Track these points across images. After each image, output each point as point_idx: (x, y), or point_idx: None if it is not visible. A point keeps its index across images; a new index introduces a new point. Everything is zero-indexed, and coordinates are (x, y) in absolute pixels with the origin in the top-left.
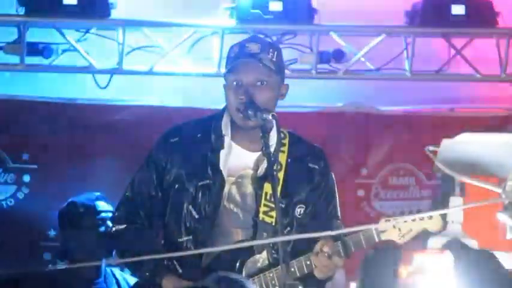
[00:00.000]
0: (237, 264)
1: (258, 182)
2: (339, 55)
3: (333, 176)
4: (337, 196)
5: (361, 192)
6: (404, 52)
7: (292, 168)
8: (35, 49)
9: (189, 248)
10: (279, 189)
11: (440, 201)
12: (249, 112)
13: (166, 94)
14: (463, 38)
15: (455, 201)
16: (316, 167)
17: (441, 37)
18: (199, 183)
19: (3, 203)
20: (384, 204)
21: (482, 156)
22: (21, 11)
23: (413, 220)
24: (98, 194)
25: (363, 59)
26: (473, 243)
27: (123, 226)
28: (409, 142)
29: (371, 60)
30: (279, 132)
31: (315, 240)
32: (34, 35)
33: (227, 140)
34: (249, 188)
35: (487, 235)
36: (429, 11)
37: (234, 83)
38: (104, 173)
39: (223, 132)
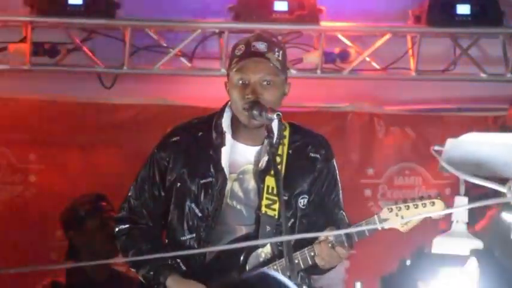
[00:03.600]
0: (241, 258)
1: (260, 175)
2: (344, 55)
3: (335, 163)
4: (339, 184)
5: (368, 192)
6: (410, 52)
7: (293, 159)
8: (40, 49)
9: (192, 246)
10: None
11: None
12: (254, 112)
13: (171, 94)
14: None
15: (460, 200)
16: (318, 155)
17: (447, 37)
18: (202, 181)
19: (10, 202)
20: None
21: (488, 156)
22: (27, 11)
23: (416, 207)
24: (100, 194)
25: (368, 59)
26: (478, 244)
27: (127, 226)
28: (415, 142)
29: (376, 60)
30: (280, 126)
31: (319, 231)
32: (40, 35)
33: (228, 137)
34: (251, 183)
35: None
36: (435, 10)
37: (240, 81)
38: (110, 173)
39: (225, 130)
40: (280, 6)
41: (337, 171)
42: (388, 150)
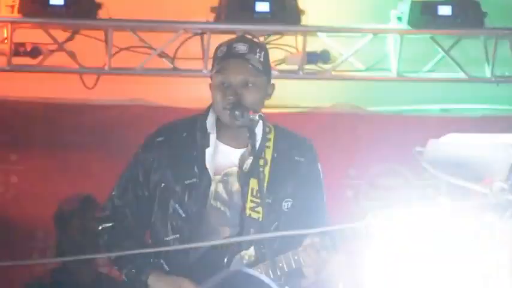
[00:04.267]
0: (224, 260)
1: (244, 178)
2: (326, 56)
3: (320, 167)
4: (323, 188)
5: (350, 193)
6: (392, 53)
7: (277, 162)
8: (22, 49)
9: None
10: (265, 185)
11: None
12: (236, 113)
13: (153, 94)
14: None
15: (442, 201)
16: (302, 159)
17: (428, 37)
18: (186, 182)
19: None
20: (372, 204)
21: (469, 157)
22: (8, 11)
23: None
24: (87, 195)
25: (350, 60)
26: None
27: (109, 224)
28: (397, 142)
29: (358, 61)
30: (264, 129)
31: (303, 236)
32: (21, 35)
33: (213, 138)
34: (236, 185)
35: None
36: (416, 11)
37: (221, 83)
38: (92, 173)
39: (209, 131)
40: (262, 7)
41: (321, 175)
42: (370, 150)
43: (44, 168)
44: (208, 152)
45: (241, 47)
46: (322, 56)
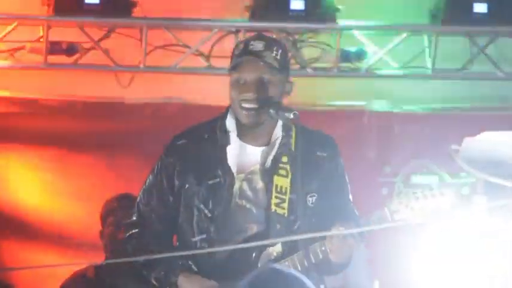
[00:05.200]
0: (252, 257)
1: (267, 175)
2: (361, 53)
3: (342, 161)
4: (347, 181)
5: (384, 191)
6: (427, 50)
7: (300, 159)
8: (58, 48)
9: (203, 247)
10: (288, 181)
11: None
12: (271, 111)
13: (188, 92)
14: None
15: (478, 199)
16: (325, 154)
17: (463, 35)
18: (210, 182)
19: (27, 201)
20: None
21: (505, 155)
22: (45, 10)
23: (426, 198)
24: (125, 193)
25: (385, 58)
26: None
27: (136, 230)
28: (433, 140)
29: (393, 59)
30: (285, 127)
31: (328, 227)
32: (57, 34)
33: (233, 136)
34: (260, 183)
35: None
36: (451, 9)
37: (238, 80)
38: (127, 171)
39: (229, 129)
40: (297, 5)
41: (344, 169)
42: (404, 148)
43: (79, 166)
44: (230, 150)
45: (258, 45)
46: (357, 54)
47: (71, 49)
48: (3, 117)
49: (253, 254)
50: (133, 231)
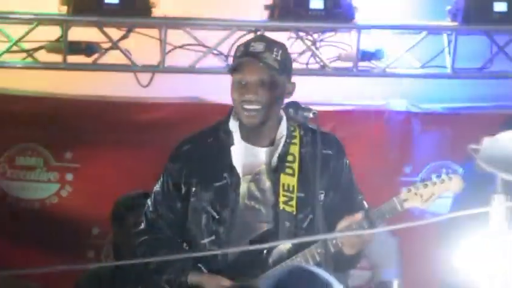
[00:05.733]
0: (263, 254)
1: (274, 174)
2: (380, 53)
3: (348, 159)
4: (354, 178)
5: (405, 191)
6: (446, 50)
7: (305, 157)
8: (77, 48)
9: (212, 248)
10: (295, 180)
11: None
12: (290, 110)
13: (207, 92)
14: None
15: (498, 199)
16: (330, 152)
17: (483, 34)
18: (216, 184)
19: (47, 201)
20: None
21: None
22: (64, 10)
23: (434, 184)
24: (141, 191)
25: (404, 57)
26: None
27: (146, 237)
28: (451, 140)
29: (412, 58)
30: (289, 127)
31: (339, 220)
32: (76, 34)
33: (237, 136)
34: (267, 183)
35: None
36: (471, 8)
37: (239, 81)
38: (146, 171)
39: (232, 130)
40: (316, 4)
41: (350, 167)
42: (425, 148)
43: (99, 166)
44: (234, 150)
45: (258, 46)
46: (376, 53)
47: (90, 49)
48: (22, 116)
49: (264, 251)
50: (142, 238)
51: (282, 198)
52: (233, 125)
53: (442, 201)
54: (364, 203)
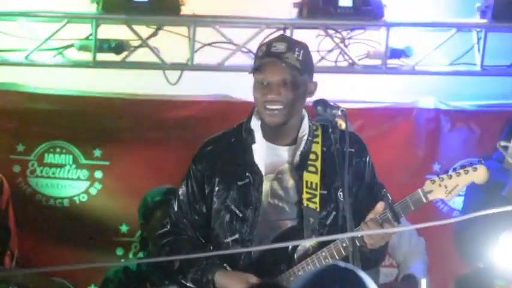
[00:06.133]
0: (288, 250)
1: (297, 172)
2: (409, 50)
3: (370, 157)
4: (376, 175)
5: None
6: (475, 47)
7: (327, 155)
8: (106, 46)
9: (236, 247)
10: (318, 177)
11: None
12: (318, 108)
13: (236, 90)
14: None
15: None
16: (352, 150)
17: None
18: (239, 183)
19: (76, 198)
20: (455, 199)
21: None
22: (93, 8)
23: (459, 175)
24: (170, 186)
25: (433, 54)
26: None
27: (170, 238)
28: (480, 137)
29: (442, 55)
30: (311, 126)
31: (363, 216)
32: (105, 32)
33: (258, 135)
34: (290, 181)
35: None
36: (501, 5)
37: (261, 81)
38: (175, 168)
39: (253, 129)
40: (345, 1)
41: (372, 164)
42: (453, 145)
43: (128, 163)
44: (256, 149)
45: (280, 46)
46: (405, 51)
47: (119, 47)
48: (51, 114)
49: (289, 247)
50: (167, 239)
51: (305, 195)
52: (255, 124)
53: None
54: (388, 195)
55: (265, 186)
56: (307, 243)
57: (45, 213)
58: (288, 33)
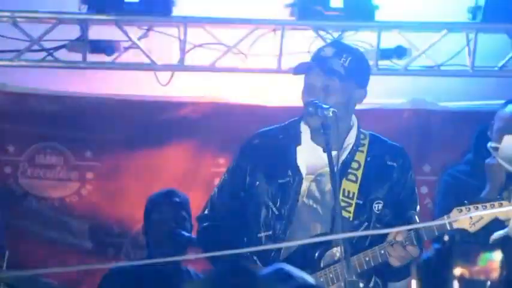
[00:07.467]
0: (316, 255)
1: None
2: (400, 51)
3: (413, 175)
4: (416, 192)
5: (424, 189)
6: (466, 48)
7: (370, 166)
8: (97, 47)
9: (268, 243)
10: (357, 187)
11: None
12: (310, 109)
13: (227, 91)
14: None
15: None
16: (395, 164)
17: (503, 32)
18: (280, 181)
19: (67, 199)
20: None
21: None
22: (84, 9)
23: (485, 208)
24: (172, 190)
25: (424, 55)
26: None
27: (207, 223)
28: (471, 138)
29: (433, 57)
30: (358, 134)
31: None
32: (96, 33)
33: (305, 137)
34: (328, 185)
35: None
36: (491, 6)
37: (307, 85)
38: (166, 169)
39: (302, 130)
40: (336, 2)
41: (414, 182)
42: (444, 146)
43: (118, 164)
44: (300, 150)
45: (328, 51)
46: (397, 52)
47: (110, 48)
48: (42, 115)
49: (317, 253)
50: (204, 224)
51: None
52: (304, 126)
53: None
54: (416, 218)
55: (304, 186)
56: (335, 250)
57: (36, 214)
58: (278, 34)
